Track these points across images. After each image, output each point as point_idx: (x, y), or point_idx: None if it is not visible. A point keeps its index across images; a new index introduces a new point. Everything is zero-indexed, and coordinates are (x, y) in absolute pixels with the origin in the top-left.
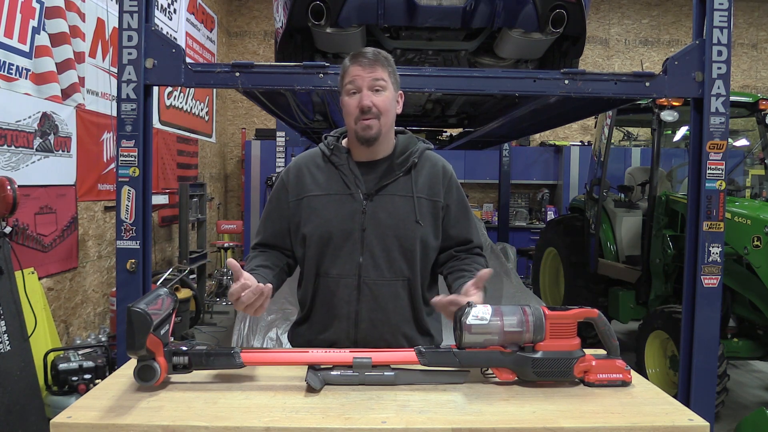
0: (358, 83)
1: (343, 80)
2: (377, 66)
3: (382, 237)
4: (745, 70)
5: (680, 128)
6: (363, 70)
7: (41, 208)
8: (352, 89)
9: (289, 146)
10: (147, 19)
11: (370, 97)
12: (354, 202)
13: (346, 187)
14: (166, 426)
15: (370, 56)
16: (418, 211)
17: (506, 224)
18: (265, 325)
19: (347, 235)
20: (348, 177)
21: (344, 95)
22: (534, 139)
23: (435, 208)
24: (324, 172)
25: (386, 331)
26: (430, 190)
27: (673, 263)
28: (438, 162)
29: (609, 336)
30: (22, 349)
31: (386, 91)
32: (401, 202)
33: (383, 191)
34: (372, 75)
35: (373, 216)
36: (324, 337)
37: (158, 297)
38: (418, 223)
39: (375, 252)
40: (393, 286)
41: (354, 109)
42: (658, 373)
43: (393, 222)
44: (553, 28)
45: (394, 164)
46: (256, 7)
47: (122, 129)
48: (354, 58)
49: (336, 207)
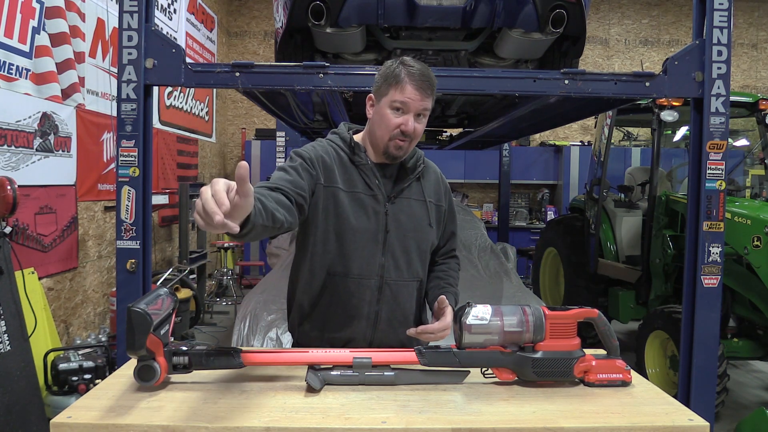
0: (410, 106)
1: (392, 92)
2: (430, 94)
3: (403, 239)
4: (745, 70)
5: (680, 128)
6: (418, 96)
7: (41, 208)
8: (399, 107)
9: (289, 146)
10: (147, 19)
11: (414, 123)
12: (377, 204)
13: (368, 188)
14: (166, 426)
15: (428, 81)
16: (430, 215)
17: (506, 224)
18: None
19: (372, 236)
20: (370, 178)
21: (387, 107)
22: (534, 139)
23: (440, 212)
24: (347, 168)
25: (402, 331)
26: (436, 195)
27: (673, 263)
28: (436, 169)
29: (609, 336)
30: (22, 349)
31: (426, 118)
32: (417, 205)
33: (401, 195)
34: (424, 103)
35: (395, 218)
36: (339, 336)
37: (158, 297)
38: (431, 226)
39: (396, 253)
40: (410, 286)
41: (394, 127)
42: (658, 373)
43: (412, 225)
44: (553, 28)
45: (407, 169)
46: (256, 7)
47: (122, 129)
48: (413, 78)
49: (361, 207)
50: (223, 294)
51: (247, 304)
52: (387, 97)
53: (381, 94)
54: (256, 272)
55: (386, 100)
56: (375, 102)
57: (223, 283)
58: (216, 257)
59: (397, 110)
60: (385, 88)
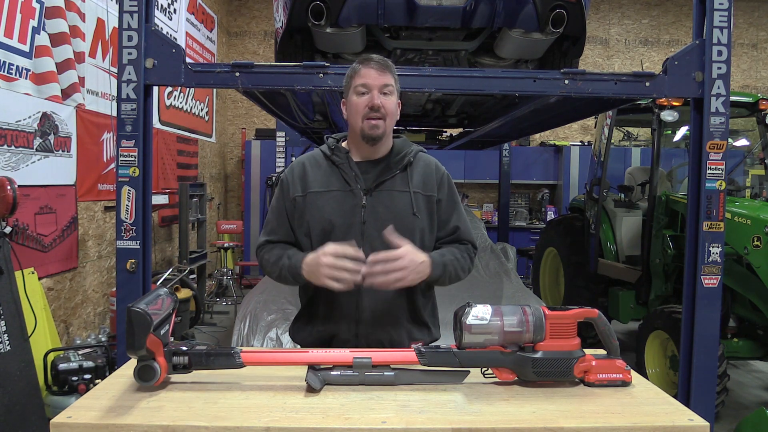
0: (370, 84)
1: (352, 81)
2: (387, 72)
3: (382, 230)
4: (745, 70)
5: (680, 128)
6: (375, 73)
7: (41, 208)
8: (362, 90)
9: (289, 146)
10: (147, 19)
11: (380, 98)
12: (354, 198)
13: (346, 184)
14: (166, 426)
15: (381, 62)
16: (415, 205)
17: (506, 224)
18: (265, 325)
19: (348, 229)
20: (348, 174)
21: (352, 95)
22: (534, 139)
23: (430, 202)
24: (325, 170)
25: (387, 322)
26: (425, 186)
27: (673, 263)
28: (431, 161)
29: (609, 336)
30: (22, 349)
31: (393, 96)
32: (399, 196)
33: (381, 187)
34: (383, 79)
35: (373, 210)
36: (325, 329)
37: (158, 297)
38: (415, 215)
39: (375, 245)
40: None
41: (363, 107)
42: (658, 373)
43: (392, 215)
44: (553, 28)
45: (391, 163)
46: (256, 7)
47: (122, 129)
48: (365, 62)
49: (337, 202)
50: (223, 294)
51: (247, 304)
52: (351, 88)
53: (347, 89)
54: (256, 272)
55: (351, 91)
56: (346, 100)
57: (223, 283)
58: (216, 257)
59: (362, 94)
60: (348, 82)
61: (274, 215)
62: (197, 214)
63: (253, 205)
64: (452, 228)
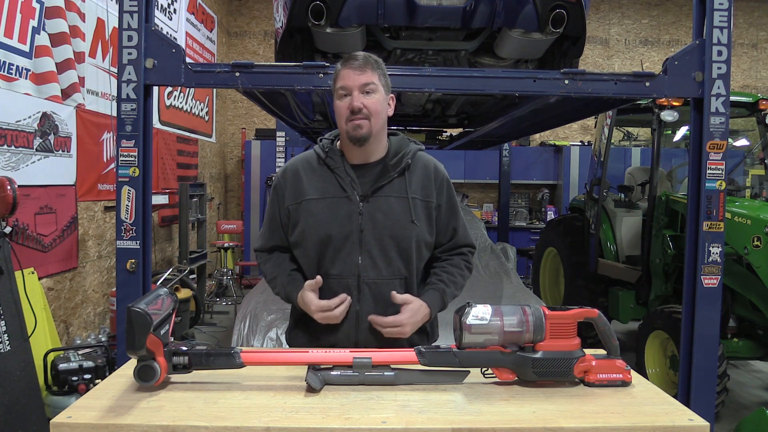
0: (349, 86)
1: (335, 84)
2: (367, 69)
3: (379, 237)
4: (745, 70)
5: (680, 128)
6: (354, 73)
7: (41, 208)
8: (343, 92)
9: (289, 146)
10: (147, 19)
11: (361, 99)
12: (351, 204)
13: (342, 190)
14: (166, 426)
15: (360, 60)
16: (413, 212)
17: (506, 224)
18: (265, 325)
19: (346, 237)
20: (344, 180)
21: (336, 99)
22: (534, 139)
23: (428, 208)
24: (320, 175)
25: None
26: (423, 191)
27: (673, 263)
28: (430, 163)
29: (609, 336)
30: (22, 349)
31: (376, 94)
32: (397, 202)
33: (379, 193)
34: (362, 78)
35: (370, 217)
36: (324, 338)
37: (158, 297)
38: (414, 222)
39: (373, 252)
40: (391, 284)
41: (345, 110)
42: (658, 373)
43: (389, 222)
44: (553, 28)
45: (388, 166)
46: (256, 7)
47: (122, 129)
48: (345, 62)
49: (333, 210)
50: (223, 294)
51: (247, 304)
52: (335, 91)
53: (332, 94)
54: (256, 272)
55: (335, 95)
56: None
57: (223, 283)
58: (216, 257)
59: (344, 96)
60: (333, 86)
61: (268, 225)
62: (197, 214)
63: (253, 205)
64: (451, 233)
